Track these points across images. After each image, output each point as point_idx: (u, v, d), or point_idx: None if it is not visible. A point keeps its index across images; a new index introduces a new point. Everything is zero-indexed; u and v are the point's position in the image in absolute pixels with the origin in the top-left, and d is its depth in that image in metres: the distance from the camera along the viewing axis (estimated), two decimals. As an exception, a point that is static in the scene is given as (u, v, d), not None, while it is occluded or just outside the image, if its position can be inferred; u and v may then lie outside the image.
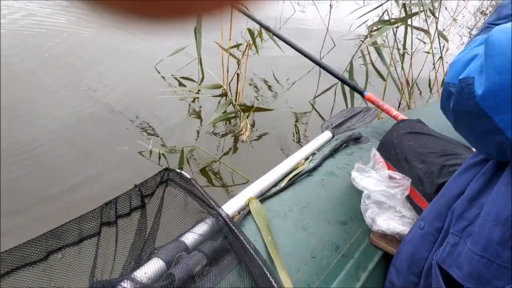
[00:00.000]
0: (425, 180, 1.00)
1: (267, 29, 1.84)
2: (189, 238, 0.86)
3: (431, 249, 0.77)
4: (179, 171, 1.03)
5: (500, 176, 0.67)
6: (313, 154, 1.34)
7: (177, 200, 1.00)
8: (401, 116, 1.42)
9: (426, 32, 2.25)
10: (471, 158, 0.78)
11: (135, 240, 0.99)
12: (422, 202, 1.02)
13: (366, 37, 2.25)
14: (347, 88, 2.28)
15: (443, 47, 2.42)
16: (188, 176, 1.01)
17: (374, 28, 2.21)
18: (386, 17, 2.32)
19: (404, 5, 2.18)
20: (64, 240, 0.92)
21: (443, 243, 0.73)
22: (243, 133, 1.92)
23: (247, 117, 2.01)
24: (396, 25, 2.22)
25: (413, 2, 2.21)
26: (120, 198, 0.98)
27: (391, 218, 1.01)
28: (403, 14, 2.21)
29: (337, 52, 3.21)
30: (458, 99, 0.64)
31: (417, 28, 2.30)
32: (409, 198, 1.06)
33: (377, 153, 1.17)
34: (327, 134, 1.48)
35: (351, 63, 2.24)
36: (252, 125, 2.19)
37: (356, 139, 1.37)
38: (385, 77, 2.29)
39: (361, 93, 1.66)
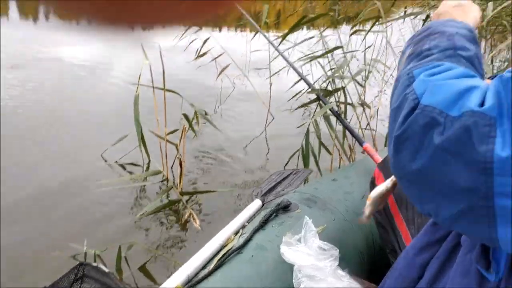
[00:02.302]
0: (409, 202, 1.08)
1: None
2: None
3: None
4: (95, 264, 0.95)
5: (453, 259, 0.67)
6: (244, 226, 1.31)
7: (94, 299, 0.91)
8: None
9: (352, 105, 2.39)
10: (424, 235, 0.78)
11: None
12: (397, 215, 1.12)
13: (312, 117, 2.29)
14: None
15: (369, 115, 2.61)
16: (106, 270, 0.94)
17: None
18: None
19: (332, 80, 2.30)
20: None
21: None
22: (193, 221, 1.84)
23: (187, 202, 1.93)
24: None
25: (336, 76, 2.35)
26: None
27: (323, 292, 0.99)
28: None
29: (287, 117, 3.34)
30: (455, 136, 0.51)
31: (346, 103, 2.41)
32: (388, 213, 1.16)
33: (309, 221, 1.16)
34: (257, 203, 1.46)
35: (307, 138, 2.22)
36: (200, 211, 2.11)
37: (285, 208, 1.36)
38: (331, 151, 2.40)
39: (360, 143, 1.73)
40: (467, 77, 0.57)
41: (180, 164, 2.09)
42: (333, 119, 2.10)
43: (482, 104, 0.51)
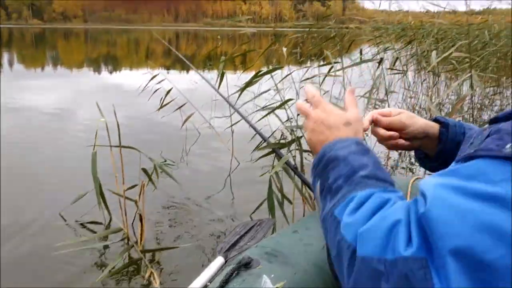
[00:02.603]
0: None
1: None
2: None
3: None
4: None
5: None
6: (205, 287, 1.31)
7: None
8: None
9: (311, 152, 2.45)
10: None
11: None
12: None
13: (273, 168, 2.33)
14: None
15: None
16: None
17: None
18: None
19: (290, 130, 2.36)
20: None
21: None
22: (153, 281, 1.82)
23: (151, 263, 1.89)
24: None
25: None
26: None
27: None
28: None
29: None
30: (399, 285, 0.53)
31: (302, 151, 2.47)
32: None
33: (268, 280, 1.17)
34: (219, 260, 1.46)
35: (270, 195, 2.21)
36: (160, 267, 2.08)
37: (246, 265, 1.36)
38: (293, 199, 2.43)
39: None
40: (384, 204, 0.60)
41: (141, 220, 2.07)
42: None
43: (410, 238, 0.54)
